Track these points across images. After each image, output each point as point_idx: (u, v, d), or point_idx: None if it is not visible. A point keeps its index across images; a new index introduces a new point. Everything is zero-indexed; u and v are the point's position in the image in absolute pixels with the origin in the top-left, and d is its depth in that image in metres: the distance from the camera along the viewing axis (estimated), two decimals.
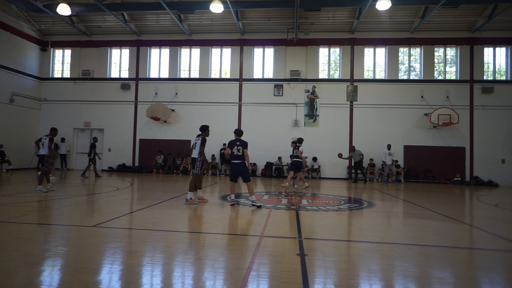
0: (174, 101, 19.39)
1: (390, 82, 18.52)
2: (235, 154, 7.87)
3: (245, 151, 7.88)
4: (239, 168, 7.95)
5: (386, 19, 17.53)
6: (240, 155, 7.86)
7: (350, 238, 5.50)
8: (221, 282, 3.26)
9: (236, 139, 8.01)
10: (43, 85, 20.49)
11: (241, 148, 7.86)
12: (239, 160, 7.89)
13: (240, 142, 7.94)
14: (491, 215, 8.15)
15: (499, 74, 18.38)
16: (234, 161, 7.94)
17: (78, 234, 5.02)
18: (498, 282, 3.56)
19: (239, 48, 19.39)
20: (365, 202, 9.35)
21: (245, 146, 7.91)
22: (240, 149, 7.86)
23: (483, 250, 4.86)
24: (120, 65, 20.57)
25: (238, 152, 7.85)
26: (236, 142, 7.95)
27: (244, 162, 7.89)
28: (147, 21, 19.16)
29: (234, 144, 7.92)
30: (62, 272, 3.43)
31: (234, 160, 7.92)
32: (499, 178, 17.29)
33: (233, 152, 7.89)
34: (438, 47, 18.62)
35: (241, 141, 7.97)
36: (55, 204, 7.72)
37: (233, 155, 7.91)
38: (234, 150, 7.88)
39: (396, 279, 3.50)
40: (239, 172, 8.01)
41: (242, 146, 7.88)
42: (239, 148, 7.85)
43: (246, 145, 7.95)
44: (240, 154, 7.85)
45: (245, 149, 7.90)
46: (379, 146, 17.76)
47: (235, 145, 7.90)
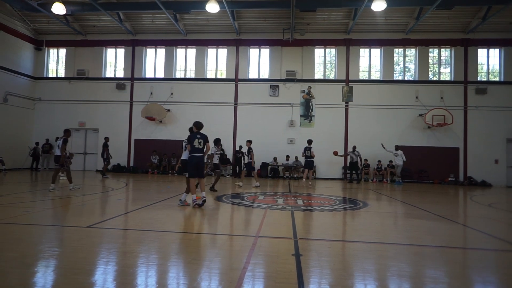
0: (169, 101, 19.34)
1: (385, 83, 18.62)
2: (196, 147, 7.58)
3: (207, 145, 7.69)
4: (199, 161, 7.63)
5: (381, 20, 17.62)
6: (201, 148, 7.61)
7: (345, 238, 5.52)
8: (216, 283, 3.26)
9: (197, 133, 7.77)
10: (38, 85, 20.34)
11: (202, 142, 7.64)
12: (200, 153, 7.63)
13: (201, 136, 7.72)
14: (484, 215, 8.22)
15: (493, 75, 18.54)
16: (195, 154, 7.60)
17: (72, 235, 4.99)
18: (491, 281, 3.59)
19: (235, 48, 19.39)
20: (360, 202, 9.39)
21: (206, 140, 7.73)
22: (201, 142, 7.63)
23: (476, 250, 4.90)
24: (115, 65, 20.47)
25: (199, 145, 7.59)
26: (196, 135, 7.70)
27: (203, 156, 7.69)
28: (142, 20, 19.09)
29: (195, 138, 7.65)
30: (56, 273, 3.41)
31: (195, 153, 7.60)
32: (492, 178, 17.44)
33: (194, 145, 7.59)
34: (432, 48, 18.74)
35: (202, 135, 7.75)
36: (49, 205, 7.67)
37: (194, 148, 7.59)
38: (195, 143, 7.60)
39: (390, 278, 3.52)
40: (199, 165, 7.66)
41: (203, 140, 7.67)
42: (200, 141, 7.62)
43: (207, 139, 7.76)
44: (201, 147, 7.60)
45: (207, 143, 7.73)
46: (374, 147, 17.82)
47: (196, 138, 7.64)
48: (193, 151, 7.62)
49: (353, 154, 16.56)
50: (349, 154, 16.85)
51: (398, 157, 16.14)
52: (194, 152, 7.61)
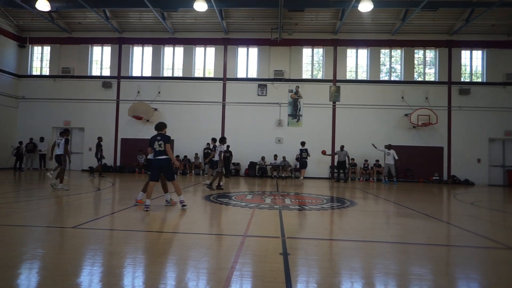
0: (157, 100, 19.17)
1: (372, 83, 18.85)
2: (157, 149, 7.21)
3: (167, 146, 7.19)
4: (163, 164, 7.22)
5: (368, 21, 17.83)
6: (163, 151, 7.19)
7: (332, 237, 5.58)
8: (204, 283, 3.25)
9: (157, 134, 7.35)
10: (21, 83, 19.89)
11: (163, 143, 7.19)
12: (163, 155, 7.19)
13: (161, 137, 7.28)
14: (467, 213, 8.41)
15: (476, 76, 18.97)
16: (157, 157, 7.22)
17: (57, 236, 4.91)
18: (473, 277, 3.68)
19: (223, 47, 19.34)
20: (347, 201, 9.48)
21: (166, 141, 7.25)
22: (161, 143, 7.20)
23: (459, 247, 5.01)
24: (101, 63, 20.18)
25: (160, 147, 7.19)
26: (156, 137, 7.28)
27: (169, 158, 7.24)
28: (129, 18, 18.87)
29: (154, 140, 7.26)
30: (40, 275, 3.35)
31: (158, 156, 7.22)
32: (475, 177, 17.86)
33: (155, 148, 7.23)
34: (418, 49, 19.06)
35: (162, 136, 7.31)
36: (33, 205, 7.52)
37: (156, 151, 7.23)
38: (156, 145, 7.21)
39: (377, 276, 3.57)
40: (163, 168, 7.28)
41: (163, 141, 7.22)
42: (160, 143, 7.19)
43: (168, 139, 7.28)
44: (162, 149, 7.18)
45: (167, 144, 7.22)
46: (361, 146, 18.06)
47: (156, 140, 7.24)
48: (155, 154, 7.27)
49: (341, 153, 16.70)
50: (337, 153, 16.99)
51: (390, 156, 16.19)
52: (155, 154, 7.26)
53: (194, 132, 18.77)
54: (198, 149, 18.62)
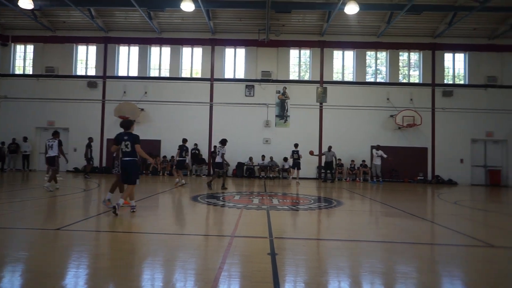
0: (143, 100, 18.98)
1: (358, 85, 19.08)
2: (124, 150, 6.66)
3: (136, 147, 6.63)
4: (128, 166, 6.68)
5: (354, 23, 18.03)
6: (130, 151, 6.61)
7: (319, 236, 5.63)
8: (192, 283, 3.24)
9: (124, 133, 6.72)
10: (3, 82, 19.41)
11: (130, 143, 6.61)
12: (130, 157, 6.63)
13: (129, 136, 6.67)
14: (450, 212, 8.60)
15: (458, 78, 19.40)
16: (124, 158, 6.69)
17: (40, 238, 4.81)
18: (456, 275, 3.77)
19: (210, 47, 19.28)
20: (334, 201, 9.58)
21: (135, 142, 6.66)
22: (128, 144, 6.61)
23: (443, 245, 5.13)
24: (86, 63, 19.86)
25: (126, 148, 6.62)
26: (123, 136, 6.67)
27: (135, 160, 6.68)
28: (115, 17, 18.63)
29: (121, 139, 6.66)
30: (23, 277, 3.29)
31: (124, 157, 6.68)
32: (458, 176, 18.26)
33: (122, 148, 6.69)
34: (402, 52, 19.39)
35: (129, 136, 6.70)
36: (17, 207, 7.36)
37: (122, 152, 6.71)
38: (122, 146, 6.65)
39: (363, 275, 3.63)
40: (127, 170, 6.72)
41: (131, 141, 6.63)
42: (127, 144, 6.61)
43: (136, 140, 6.69)
44: (129, 150, 6.60)
45: (136, 144, 6.66)
46: (348, 147, 18.27)
47: (123, 140, 6.65)
48: (123, 155, 6.72)
49: (329, 154, 16.84)
50: (324, 154, 17.12)
51: (378, 157, 16.40)
52: (123, 156, 6.70)
53: (181, 132, 18.53)
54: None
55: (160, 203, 8.79)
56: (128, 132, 6.77)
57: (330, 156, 16.79)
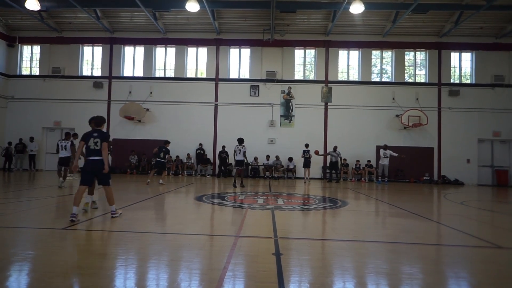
0: (148, 100, 19.07)
1: (363, 84, 19.00)
2: (92, 148, 6.04)
3: (103, 145, 6.08)
4: (98, 166, 6.09)
5: (359, 22, 17.97)
6: (99, 150, 6.07)
7: (324, 236, 5.61)
8: (197, 283, 3.25)
9: (93, 130, 6.22)
10: (10, 83, 19.62)
11: (99, 141, 6.06)
12: (98, 156, 6.06)
13: (99, 133, 6.14)
14: (457, 212, 8.52)
15: (465, 77, 19.24)
16: (92, 157, 6.06)
17: (47, 237, 4.85)
18: (462, 276, 3.73)
19: (215, 47, 19.32)
20: (339, 201, 9.54)
21: (104, 139, 6.13)
22: (97, 141, 6.06)
23: (449, 246, 5.09)
24: (92, 63, 20.01)
25: (95, 146, 6.04)
26: (93, 133, 6.14)
27: (103, 159, 6.15)
28: (121, 18, 18.75)
29: (90, 136, 6.09)
30: (30, 277, 3.31)
31: (92, 156, 6.05)
32: (464, 177, 18.11)
33: (89, 146, 6.05)
34: (408, 51, 19.28)
35: (99, 132, 6.18)
36: (23, 206, 7.43)
37: (89, 149, 6.06)
38: (91, 143, 6.05)
39: (368, 275, 3.61)
40: (97, 171, 6.13)
41: (100, 139, 6.08)
42: (96, 141, 6.05)
43: (106, 137, 6.19)
44: (98, 148, 6.06)
45: (105, 142, 6.11)
46: (353, 146, 18.21)
47: (92, 137, 6.08)
48: (89, 153, 6.09)
49: (334, 154, 16.79)
50: (329, 153, 17.07)
51: (387, 157, 16.27)
52: (89, 154, 6.09)
53: (186, 132, 18.71)
54: (190, 150, 18.56)
55: (165, 203, 8.82)
56: (98, 129, 6.27)
57: (335, 156, 16.74)
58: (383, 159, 16.36)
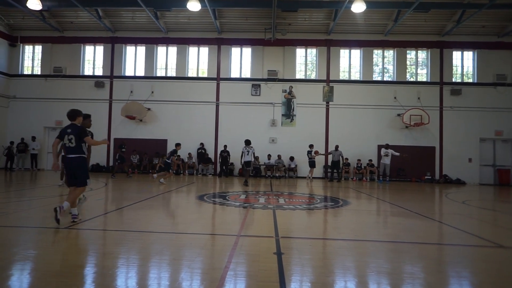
0: (150, 100, 19.09)
1: (365, 83, 18.97)
2: (67, 146, 5.54)
3: (87, 140, 5.63)
4: (74, 165, 5.59)
5: (361, 21, 17.93)
6: (74, 147, 5.51)
7: (325, 236, 5.60)
8: (198, 283, 3.25)
9: (68, 125, 5.68)
10: (12, 82, 19.67)
11: (73, 138, 5.50)
12: (74, 153, 5.55)
13: (73, 129, 5.57)
14: (458, 211, 8.50)
15: (467, 76, 19.19)
16: (68, 155, 5.58)
17: (49, 237, 4.86)
18: (464, 276, 3.73)
19: (217, 47, 19.31)
20: (341, 200, 9.53)
21: (81, 134, 5.55)
22: (72, 138, 5.50)
23: (451, 246, 5.07)
24: (94, 62, 20.03)
25: (70, 142, 5.51)
26: (67, 129, 5.59)
27: (82, 157, 5.63)
28: (122, 17, 18.76)
29: (65, 133, 5.57)
30: (32, 276, 3.32)
31: (69, 154, 5.57)
32: (466, 176, 18.07)
33: (65, 143, 5.56)
34: (410, 50, 19.23)
35: (74, 128, 5.61)
36: (25, 206, 7.44)
37: (65, 147, 5.59)
38: (65, 140, 5.53)
39: (369, 275, 3.60)
40: (73, 169, 5.63)
41: (74, 135, 5.52)
42: (70, 138, 5.51)
43: (82, 132, 5.60)
44: (73, 145, 5.50)
45: (85, 137, 5.60)
46: (354, 146, 18.19)
47: (66, 133, 5.56)
48: (65, 151, 5.61)
49: (336, 153, 16.78)
50: (331, 153, 17.04)
51: (387, 156, 16.25)
52: (66, 152, 5.60)
53: (187, 132, 18.72)
54: (192, 149, 18.57)
55: (166, 202, 8.83)
56: (73, 123, 5.72)
57: (337, 155, 16.72)
58: (384, 158, 16.31)
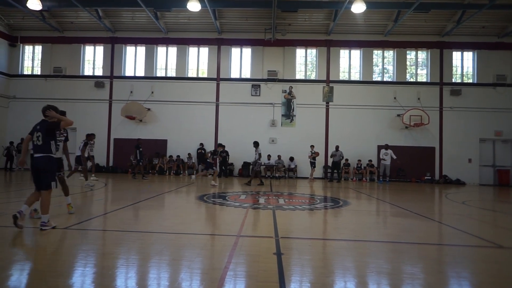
0: (150, 100, 19.08)
1: (365, 84, 18.96)
2: (35, 143, 5.08)
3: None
4: (39, 165, 5.08)
5: (361, 22, 17.92)
6: (41, 145, 5.05)
7: (325, 236, 5.60)
8: (198, 283, 3.25)
9: (39, 121, 5.27)
10: (12, 82, 19.66)
11: (41, 135, 5.06)
12: (41, 152, 5.06)
13: (41, 125, 5.14)
14: (458, 212, 8.51)
15: (467, 77, 19.18)
16: (35, 154, 5.10)
17: (49, 237, 4.86)
18: (464, 276, 3.73)
19: (217, 47, 19.31)
20: (341, 201, 9.53)
21: (47, 132, 5.12)
22: (39, 136, 5.06)
23: (450, 246, 5.08)
24: (94, 63, 20.03)
25: (38, 140, 5.06)
26: (37, 126, 5.17)
27: (48, 156, 5.09)
28: (122, 18, 18.75)
29: (35, 129, 5.14)
30: (31, 276, 3.32)
31: (35, 154, 5.09)
32: (466, 176, 18.06)
33: (33, 141, 5.10)
34: (410, 50, 19.23)
35: (42, 124, 5.17)
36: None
37: (34, 145, 5.11)
38: (34, 138, 5.09)
39: (369, 275, 3.61)
40: (39, 170, 5.11)
41: (42, 132, 5.08)
42: (38, 135, 5.07)
43: (50, 129, 5.17)
44: (40, 143, 5.05)
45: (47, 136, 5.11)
46: (354, 146, 18.19)
47: (35, 130, 5.12)
48: (34, 150, 5.13)
49: (337, 153, 16.77)
50: (332, 154, 17.00)
51: (387, 156, 16.26)
52: (34, 151, 5.12)
53: (187, 132, 18.72)
54: (192, 149, 18.56)
55: (166, 203, 8.83)
56: (43, 120, 5.26)
57: (338, 156, 16.72)
58: (384, 159, 16.31)
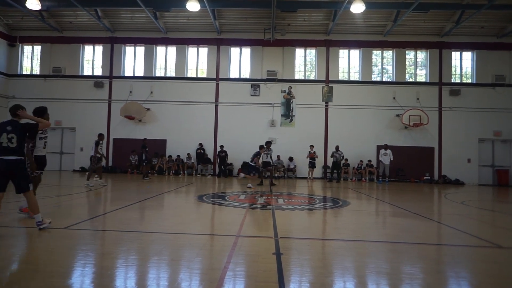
0: (149, 100, 19.07)
1: (364, 84, 18.97)
2: (4, 145, 4.71)
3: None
4: (11, 167, 4.76)
5: (360, 22, 17.93)
6: (15, 147, 4.73)
7: (325, 236, 5.61)
8: (197, 283, 3.25)
9: (8, 121, 4.88)
10: (11, 82, 19.64)
11: (15, 137, 4.74)
12: (13, 155, 4.74)
13: (13, 127, 4.79)
14: (457, 212, 8.51)
15: (466, 77, 19.21)
16: (5, 157, 4.72)
17: (47, 237, 4.85)
18: (463, 276, 3.73)
19: (216, 47, 19.31)
20: (340, 201, 9.54)
21: (21, 133, 4.83)
22: (12, 137, 4.72)
23: (449, 246, 5.08)
24: (93, 63, 20.01)
25: (9, 142, 4.72)
26: (6, 126, 4.79)
27: (20, 159, 4.83)
28: (121, 18, 18.74)
29: (3, 130, 4.75)
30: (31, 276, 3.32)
31: (6, 156, 4.72)
32: (465, 176, 18.08)
33: (1, 142, 4.71)
34: (409, 50, 19.25)
35: (14, 125, 4.82)
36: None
37: (2, 147, 4.72)
38: (3, 139, 4.70)
39: (368, 275, 3.61)
40: (12, 173, 4.80)
41: (17, 134, 4.76)
42: (10, 137, 4.72)
43: (25, 130, 4.94)
44: (13, 145, 4.72)
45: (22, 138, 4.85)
46: (353, 146, 18.20)
47: (5, 131, 4.74)
48: (2, 152, 4.74)
49: (337, 154, 16.77)
50: (333, 154, 17.00)
51: (386, 156, 16.31)
52: (3, 153, 4.74)
53: (186, 132, 18.71)
54: (191, 149, 18.55)
55: (165, 203, 8.83)
56: (14, 120, 4.93)
57: (338, 156, 16.73)
58: (384, 159, 16.35)
